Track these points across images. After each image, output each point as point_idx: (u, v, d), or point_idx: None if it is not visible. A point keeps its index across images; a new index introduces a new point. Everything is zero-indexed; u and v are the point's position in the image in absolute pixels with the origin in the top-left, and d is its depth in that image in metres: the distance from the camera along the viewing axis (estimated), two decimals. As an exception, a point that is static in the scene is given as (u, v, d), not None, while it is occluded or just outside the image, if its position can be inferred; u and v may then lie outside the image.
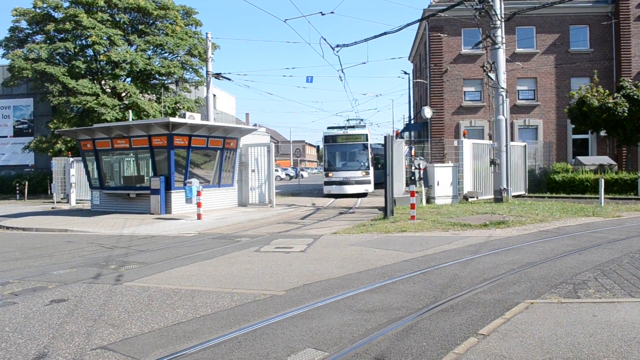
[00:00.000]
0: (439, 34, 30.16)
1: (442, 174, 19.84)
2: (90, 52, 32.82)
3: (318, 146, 28.50)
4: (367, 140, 27.35)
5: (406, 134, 37.35)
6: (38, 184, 35.62)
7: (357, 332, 5.15)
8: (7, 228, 16.55)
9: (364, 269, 8.24)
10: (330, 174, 27.20)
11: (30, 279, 8.29)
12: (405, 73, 40.32)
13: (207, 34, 27.38)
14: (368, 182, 27.09)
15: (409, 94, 41.04)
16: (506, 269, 7.88)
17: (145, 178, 19.82)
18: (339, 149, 27.93)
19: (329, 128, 28.61)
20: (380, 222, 14.49)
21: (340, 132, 27.77)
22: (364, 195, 27.16)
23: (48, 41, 32.70)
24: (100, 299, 6.83)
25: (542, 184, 24.94)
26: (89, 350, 4.88)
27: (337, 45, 20.16)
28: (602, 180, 18.34)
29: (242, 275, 8.06)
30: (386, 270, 8.12)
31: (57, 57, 32.84)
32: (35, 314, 6.18)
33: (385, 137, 15.95)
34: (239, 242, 11.95)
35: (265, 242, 11.67)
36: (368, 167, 27.06)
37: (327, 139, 28.05)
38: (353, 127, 28.38)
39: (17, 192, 33.79)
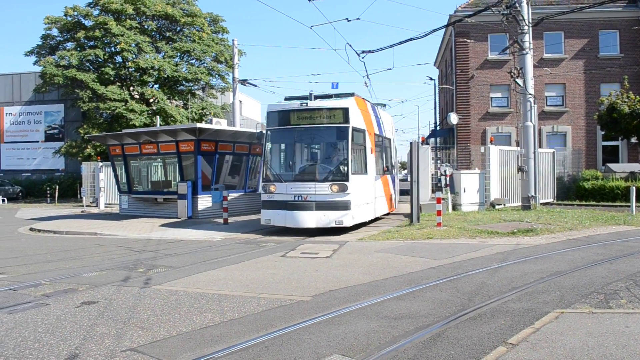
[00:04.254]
0: (465, 40, 29.96)
1: (469, 181, 19.65)
2: (119, 58, 33.45)
3: (259, 133, 15.28)
4: (347, 120, 13.78)
5: (432, 140, 37.11)
6: (68, 187, 36.39)
7: (384, 339, 5.13)
8: (39, 231, 16.91)
9: (390, 275, 8.21)
10: (272, 187, 14.19)
11: (62, 281, 8.46)
12: (431, 79, 40.12)
13: (233, 40, 27.71)
14: (344, 206, 13.61)
15: (435, 100, 40.79)
16: (535, 278, 7.76)
17: (173, 183, 20.10)
18: (291, 137, 14.91)
19: (286, 99, 15.09)
20: (406, 228, 14.41)
21: (295, 105, 14.38)
22: (339, 231, 14.30)
23: (78, 48, 33.45)
24: (130, 301, 6.93)
25: (571, 191, 24.50)
26: (119, 352, 4.95)
27: (363, 52, 20.09)
28: (634, 188, 17.93)
29: (269, 280, 8.10)
30: (413, 277, 8.07)
31: (87, 63, 33.55)
32: (67, 315, 6.30)
33: (410, 143, 15.90)
34: (265, 247, 12.01)
35: (290, 247, 11.71)
36: (346, 174, 13.59)
37: (272, 118, 14.76)
38: (324, 96, 14.71)
39: (48, 195, 34.55)
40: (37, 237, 15.78)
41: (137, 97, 33.20)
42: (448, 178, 19.21)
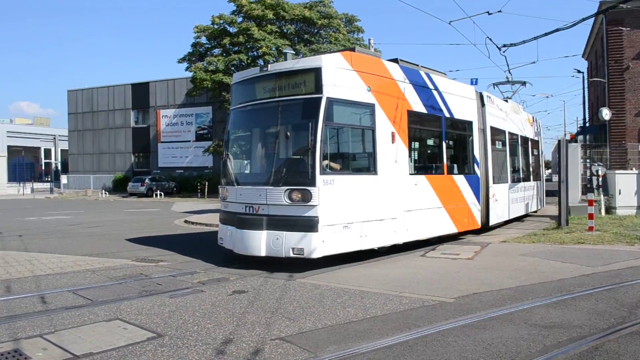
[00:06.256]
0: (618, 28, 27.31)
1: (625, 182, 17.95)
2: (261, 62, 35.16)
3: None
4: (318, 88, 8.83)
5: (580, 137, 34.49)
6: (216, 184, 39.02)
7: (535, 348, 4.88)
8: (192, 223, 18.37)
9: (538, 281, 7.77)
10: (225, 192, 10.49)
11: (214, 270, 9.12)
12: (579, 72, 37.30)
13: (369, 40, 27.74)
14: (308, 225, 8.59)
15: (583, 94, 37.83)
16: None
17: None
18: (251, 118, 10.64)
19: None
20: (553, 232, 13.55)
21: (255, 71, 10.16)
22: (302, 265, 9.08)
23: (224, 54, 35.74)
24: (276, 292, 7.28)
25: None
26: (269, 340, 5.22)
27: (504, 45, 19.03)
28: None
29: (409, 280, 8.06)
30: (563, 284, 7.57)
31: (232, 68, 35.67)
32: (220, 303, 6.77)
33: (558, 140, 14.94)
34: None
35: (430, 247, 11.52)
36: (311, 173, 8.60)
37: (234, 93, 11.08)
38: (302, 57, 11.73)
39: (199, 190, 37.49)
40: (191, 228, 17.14)
41: (278, 98, 34.67)
42: (600, 178, 17.73)
